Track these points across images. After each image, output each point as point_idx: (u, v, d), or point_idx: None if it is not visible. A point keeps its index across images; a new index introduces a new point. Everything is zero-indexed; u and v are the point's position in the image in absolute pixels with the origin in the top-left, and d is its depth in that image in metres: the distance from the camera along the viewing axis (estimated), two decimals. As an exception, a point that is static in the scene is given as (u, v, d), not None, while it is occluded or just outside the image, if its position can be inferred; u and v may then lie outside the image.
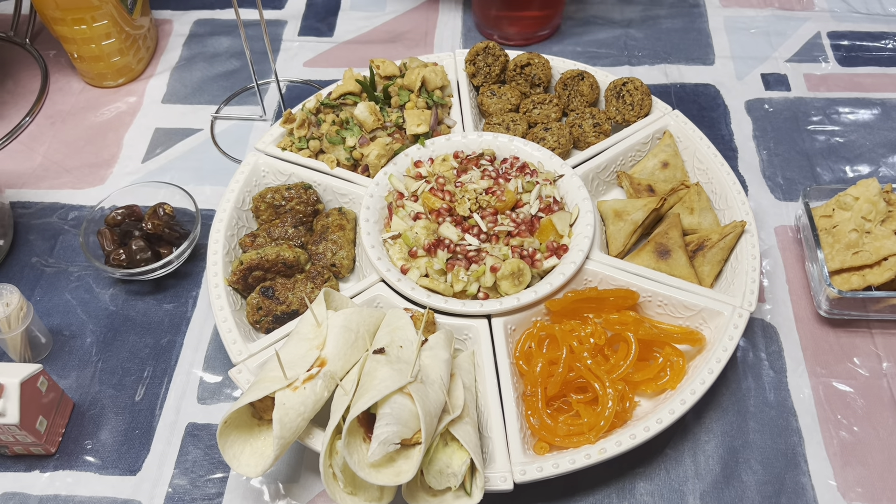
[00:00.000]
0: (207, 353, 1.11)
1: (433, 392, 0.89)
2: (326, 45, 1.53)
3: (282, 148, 1.24)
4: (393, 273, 1.07)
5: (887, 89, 1.42)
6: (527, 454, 0.93)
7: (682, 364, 1.00)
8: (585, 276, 1.08)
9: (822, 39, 1.51)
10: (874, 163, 1.31)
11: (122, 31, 1.41)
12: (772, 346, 1.09)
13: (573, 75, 1.31)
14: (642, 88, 1.27)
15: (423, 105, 1.25)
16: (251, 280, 1.10)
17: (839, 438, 1.01)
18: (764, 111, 1.39)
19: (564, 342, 1.01)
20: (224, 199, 1.17)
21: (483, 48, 1.32)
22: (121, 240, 1.17)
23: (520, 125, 1.27)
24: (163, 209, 1.18)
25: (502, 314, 1.04)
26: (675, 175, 1.23)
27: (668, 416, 0.94)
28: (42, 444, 0.99)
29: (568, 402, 1.00)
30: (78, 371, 1.09)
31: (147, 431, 1.03)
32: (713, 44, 1.52)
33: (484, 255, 1.08)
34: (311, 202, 1.18)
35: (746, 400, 1.04)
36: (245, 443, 0.90)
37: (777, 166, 1.31)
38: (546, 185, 1.16)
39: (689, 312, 1.05)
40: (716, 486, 0.97)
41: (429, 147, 1.22)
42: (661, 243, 1.12)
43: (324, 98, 1.27)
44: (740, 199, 1.15)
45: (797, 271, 1.17)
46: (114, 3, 1.37)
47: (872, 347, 1.08)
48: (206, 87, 1.46)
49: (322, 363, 0.93)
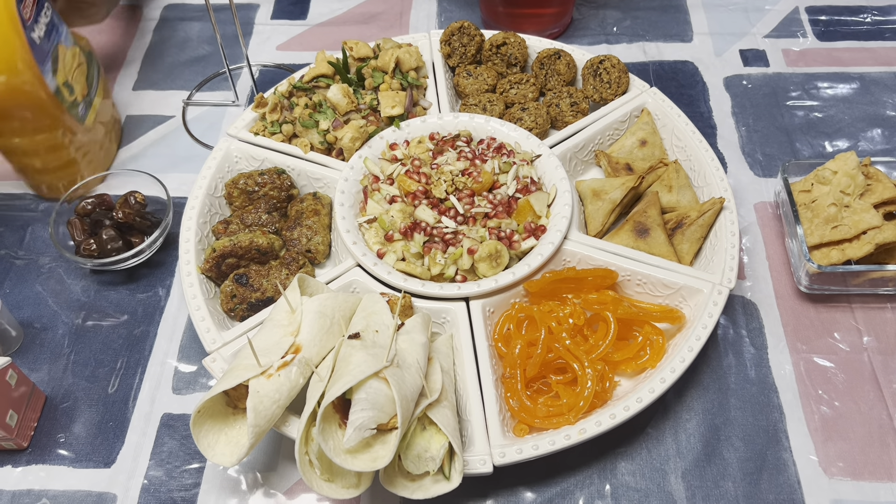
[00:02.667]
0: (182, 342, 1.09)
1: (410, 376, 0.87)
2: (300, 28, 1.51)
3: (254, 133, 1.21)
4: (369, 257, 1.05)
5: (866, 63, 1.41)
6: (506, 436, 0.92)
7: (661, 342, 0.99)
8: (564, 257, 1.07)
9: (800, 14, 1.50)
10: (853, 137, 1.30)
11: (71, 141, 1.17)
12: (752, 323, 1.09)
13: (550, 54, 1.29)
14: (619, 66, 1.25)
15: (398, 86, 1.23)
16: (225, 267, 1.08)
17: (820, 414, 1.00)
18: (743, 87, 1.38)
19: (543, 323, 0.99)
20: (196, 186, 1.15)
21: (458, 28, 1.30)
22: (91, 230, 1.14)
23: (497, 106, 1.26)
24: (134, 198, 1.15)
25: (480, 296, 1.02)
26: (653, 153, 1.21)
27: (648, 395, 0.93)
28: (13, 438, 0.97)
29: (547, 383, 0.99)
30: (50, 364, 1.07)
31: (121, 423, 1.01)
32: (691, 21, 1.50)
33: (461, 237, 1.07)
34: (284, 187, 1.16)
35: (727, 377, 1.04)
36: (220, 432, 0.89)
37: (756, 142, 1.30)
38: (523, 165, 1.15)
39: (668, 291, 1.04)
40: (697, 464, 0.96)
41: (404, 129, 1.20)
42: (640, 222, 1.11)
43: (296, 81, 1.25)
44: (719, 176, 1.14)
45: (777, 247, 1.17)
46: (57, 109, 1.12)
47: (853, 322, 1.08)
48: (177, 73, 1.44)
49: (297, 350, 0.91)
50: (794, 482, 0.95)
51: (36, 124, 1.11)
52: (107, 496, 0.96)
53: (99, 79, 1.25)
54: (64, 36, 1.15)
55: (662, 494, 0.94)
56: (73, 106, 1.14)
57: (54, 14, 1.13)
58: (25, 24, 1.03)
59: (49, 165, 1.16)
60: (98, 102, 1.24)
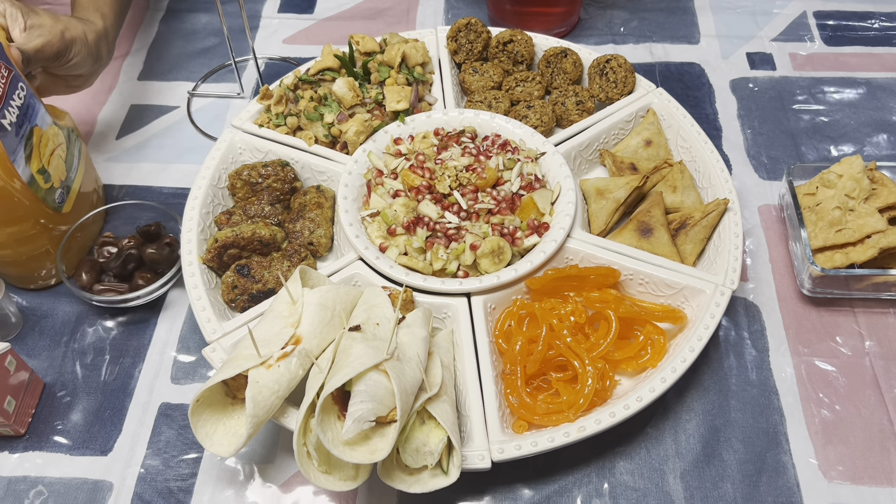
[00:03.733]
0: (182, 332, 1.09)
1: (410, 369, 0.87)
2: (306, 23, 1.51)
3: (259, 125, 1.21)
4: (371, 251, 1.05)
5: (873, 69, 1.41)
6: (505, 433, 0.92)
7: (663, 342, 0.99)
8: (566, 255, 1.07)
9: (807, 19, 1.50)
10: (859, 142, 1.30)
11: (44, 231, 1.06)
12: (754, 325, 1.08)
13: (556, 52, 1.29)
14: (626, 66, 1.25)
15: (404, 81, 1.23)
16: (226, 258, 1.08)
17: (821, 417, 1.00)
18: (749, 90, 1.38)
19: (544, 320, 0.99)
20: (199, 176, 1.15)
21: (465, 24, 1.30)
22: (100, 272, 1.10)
23: (502, 103, 1.25)
24: (165, 240, 1.12)
25: (482, 292, 1.02)
26: (658, 153, 1.21)
27: (648, 394, 0.93)
28: (11, 424, 0.96)
29: (547, 380, 0.99)
30: (49, 351, 1.07)
31: (119, 412, 1.01)
32: (698, 23, 1.50)
33: (464, 233, 1.06)
34: (288, 180, 1.16)
35: (728, 379, 1.03)
36: (218, 422, 0.88)
37: (761, 145, 1.30)
38: (528, 162, 1.14)
39: (670, 291, 1.04)
40: (696, 465, 0.96)
41: (409, 124, 1.20)
42: (644, 221, 1.11)
43: (302, 74, 1.24)
44: (724, 178, 1.14)
45: (780, 250, 1.16)
46: (30, 200, 1.01)
47: (855, 326, 1.08)
48: (183, 64, 1.43)
49: (297, 341, 0.91)
50: (793, 485, 0.94)
51: (5, 217, 0.99)
52: (103, 484, 0.95)
53: (80, 157, 1.13)
54: (40, 116, 1.03)
55: (661, 494, 0.94)
56: (48, 193, 1.03)
57: (29, 94, 1.00)
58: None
59: (20, 258, 1.05)
60: (78, 185, 1.11)
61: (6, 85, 0.95)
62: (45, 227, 1.06)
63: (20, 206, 1.00)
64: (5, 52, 0.96)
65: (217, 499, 0.94)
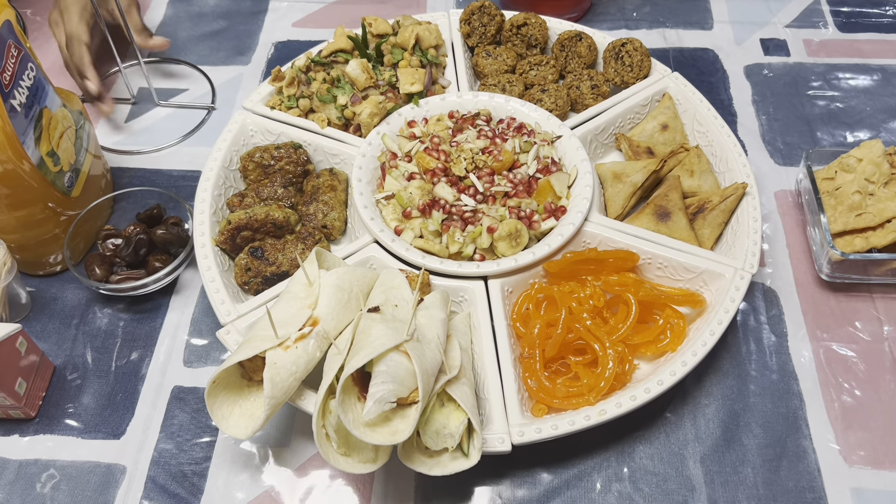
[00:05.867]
0: (194, 315, 1.07)
1: (430, 351, 0.86)
2: (316, 6, 1.49)
3: (270, 107, 1.20)
4: (387, 234, 1.04)
5: (888, 55, 1.40)
6: (525, 416, 0.91)
7: (682, 326, 0.98)
8: (584, 239, 1.05)
9: (821, 5, 1.49)
10: (875, 128, 1.29)
11: (53, 215, 1.05)
12: (772, 310, 1.08)
13: (570, 36, 1.28)
14: (642, 49, 1.24)
15: (417, 64, 1.21)
16: (239, 240, 1.07)
17: (840, 402, 0.99)
18: (763, 76, 1.37)
19: (563, 303, 0.98)
20: (211, 158, 1.13)
21: (478, 7, 1.29)
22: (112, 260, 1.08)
23: (516, 87, 1.24)
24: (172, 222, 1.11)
25: (499, 276, 1.01)
26: (674, 138, 1.20)
27: (669, 378, 0.92)
28: (21, 407, 0.95)
29: (566, 364, 0.97)
30: (58, 334, 1.05)
31: (131, 395, 1.00)
32: (712, 8, 1.49)
33: (480, 215, 1.05)
34: (301, 162, 1.15)
35: (747, 364, 1.02)
36: (234, 404, 0.87)
37: (777, 131, 1.29)
38: (544, 145, 1.13)
39: (689, 275, 1.03)
40: (716, 450, 0.95)
41: (423, 107, 1.19)
42: (661, 205, 1.10)
43: (314, 56, 1.23)
44: (741, 162, 1.13)
45: (797, 236, 1.15)
46: (39, 183, 1.00)
47: (874, 311, 1.07)
48: (191, 48, 1.41)
49: (314, 322, 0.89)
50: (814, 469, 0.93)
51: (14, 200, 0.98)
52: (116, 468, 0.94)
53: (89, 141, 1.11)
54: (49, 98, 1.01)
55: (681, 479, 0.93)
56: (58, 177, 1.02)
57: (38, 74, 0.99)
58: (4, 91, 0.90)
59: (29, 242, 1.04)
60: (87, 169, 1.10)
61: (16, 64, 0.93)
62: (54, 212, 1.04)
63: (29, 189, 0.98)
64: (14, 30, 0.94)
65: (232, 482, 0.93)
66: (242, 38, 1.43)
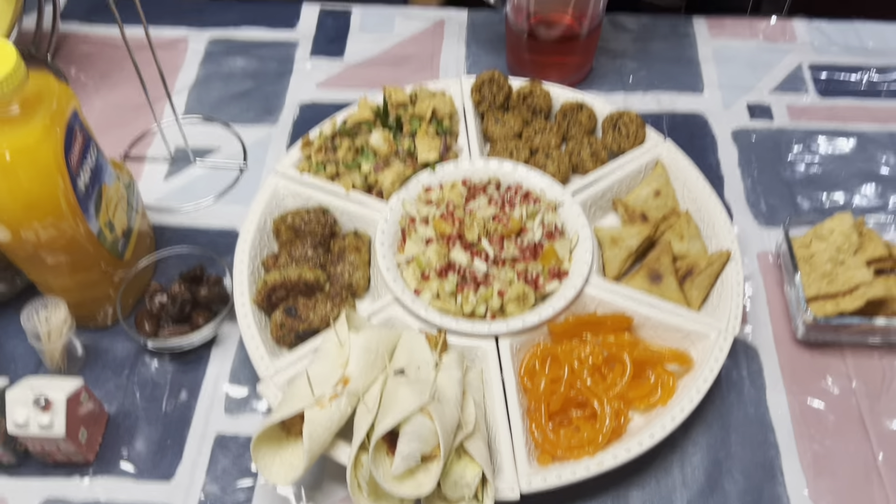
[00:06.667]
0: (233, 366, 1.19)
1: (449, 410, 0.98)
2: (337, 68, 1.60)
3: (300, 171, 1.31)
4: (407, 295, 1.16)
5: (863, 120, 1.52)
6: (532, 465, 1.03)
7: (672, 383, 1.10)
8: (584, 299, 1.17)
9: (803, 71, 1.61)
10: (849, 192, 1.41)
11: (108, 277, 1.17)
12: (753, 366, 1.20)
13: (573, 106, 1.40)
14: (637, 121, 1.36)
15: (434, 133, 1.33)
16: (274, 299, 1.18)
17: (812, 451, 1.11)
18: (749, 140, 1.49)
19: (566, 361, 1.10)
20: (247, 221, 1.25)
21: (489, 78, 1.41)
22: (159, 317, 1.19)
23: (522, 151, 1.36)
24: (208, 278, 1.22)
25: (508, 335, 1.13)
26: (666, 203, 1.32)
27: (659, 432, 1.04)
28: (83, 453, 1.06)
29: (569, 417, 1.09)
30: (111, 383, 1.17)
31: (179, 440, 1.11)
32: (702, 73, 1.61)
33: (491, 279, 1.17)
34: (328, 224, 1.26)
35: (729, 415, 1.15)
36: (275, 454, 0.99)
37: (760, 194, 1.41)
38: (548, 212, 1.25)
39: (678, 334, 1.15)
40: (701, 495, 1.07)
41: (438, 172, 1.31)
42: (654, 268, 1.22)
43: (339, 125, 1.35)
44: (727, 229, 1.25)
45: (777, 295, 1.27)
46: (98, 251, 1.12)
47: (844, 368, 1.19)
48: (222, 107, 1.53)
49: (345, 381, 1.02)
50: (787, 514, 1.06)
51: (75, 266, 1.10)
52: (167, 507, 1.06)
53: (138, 202, 1.24)
54: (107, 174, 1.13)
55: (669, 521, 1.05)
56: (113, 243, 1.14)
57: (99, 154, 1.10)
58: (73, 174, 1.01)
59: (85, 300, 1.16)
60: (136, 231, 1.22)
61: (81, 149, 1.05)
62: (108, 273, 1.16)
63: (89, 255, 1.11)
64: (80, 117, 1.06)
65: (271, 522, 1.05)
66: (270, 98, 1.54)
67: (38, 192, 1.00)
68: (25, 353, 1.19)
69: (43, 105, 0.99)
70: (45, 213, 1.01)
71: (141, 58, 1.25)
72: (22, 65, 0.95)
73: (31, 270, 1.12)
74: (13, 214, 1.00)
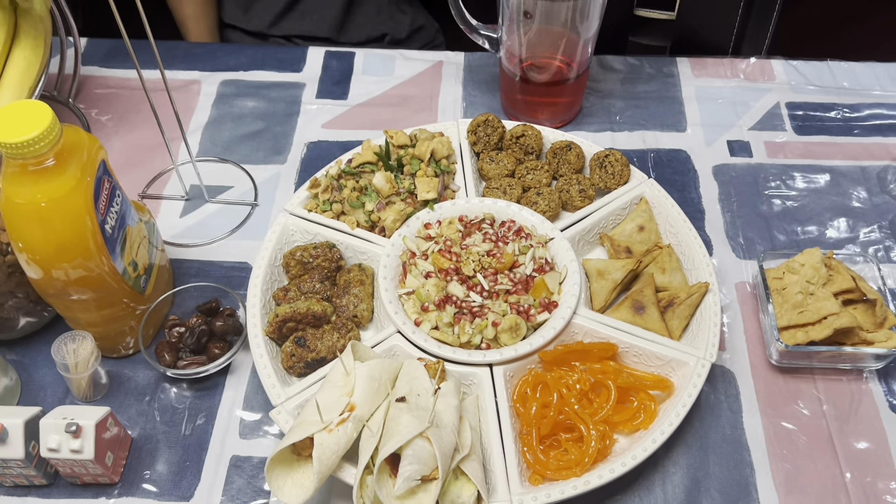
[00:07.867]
0: (246, 393, 1.28)
1: (446, 435, 1.07)
2: (341, 108, 1.71)
3: (308, 209, 1.41)
4: (408, 326, 1.25)
5: (836, 157, 1.61)
6: (524, 485, 1.11)
7: (653, 408, 1.19)
8: (573, 330, 1.27)
9: (780, 109, 1.71)
10: (822, 225, 1.50)
11: (131, 312, 1.27)
12: (730, 390, 1.28)
13: (562, 146, 1.50)
14: (622, 160, 1.46)
15: (432, 174, 1.43)
16: (285, 330, 1.27)
17: (784, 470, 1.20)
18: (729, 176, 1.58)
19: (555, 388, 1.19)
20: (259, 257, 1.34)
21: (483, 121, 1.51)
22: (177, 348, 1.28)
23: (515, 189, 1.46)
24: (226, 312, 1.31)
25: (502, 363, 1.22)
26: (649, 237, 1.41)
27: (641, 453, 1.13)
28: (109, 474, 1.15)
29: (558, 440, 1.18)
30: (133, 409, 1.26)
31: (197, 463, 1.20)
32: (685, 112, 1.71)
33: (486, 310, 1.26)
34: (334, 259, 1.36)
35: (708, 436, 1.23)
36: (287, 476, 1.08)
37: (738, 227, 1.50)
38: (539, 247, 1.34)
39: (659, 362, 1.24)
40: (681, 512, 1.16)
41: (437, 211, 1.40)
42: (637, 300, 1.31)
43: (344, 166, 1.45)
44: (705, 262, 1.34)
45: (753, 323, 1.36)
46: (122, 288, 1.21)
47: (814, 391, 1.28)
48: (234, 147, 1.63)
49: (351, 408, 1.10)
50: (760, 529, 1.14)
51: (101, 302, 1.19)
52: (186, 526, 1.14)
53: (157, 239, 1.33)
54: (131, 216, 1.23)
55: (651, 536, 1.13)
56: (136, 281, 1.23)
57: (123, 199, 1.20)
58: (101, 219, 1.11)
59: (109, 333, 1.26)
60: (157, 268, 1.32)
61: (108, 196, 1.14)
62: (131, 308, 1.26)
63: (114, 292, 1.20)
64: (107, 166, 1.16)
65: (283, 538, 1.13)
66: (279, 138, 1.65)
67: (70, 236, 1.10)
68: (54, 382, 1.28)
69: (75, 157, 1.09)
70: (74, 254, 1.11)
71: (156, 99, 1.35)
72: (57, 123, 1.05)
73: (59, 306, 1.22)
74: (45, 256, 1.10)
